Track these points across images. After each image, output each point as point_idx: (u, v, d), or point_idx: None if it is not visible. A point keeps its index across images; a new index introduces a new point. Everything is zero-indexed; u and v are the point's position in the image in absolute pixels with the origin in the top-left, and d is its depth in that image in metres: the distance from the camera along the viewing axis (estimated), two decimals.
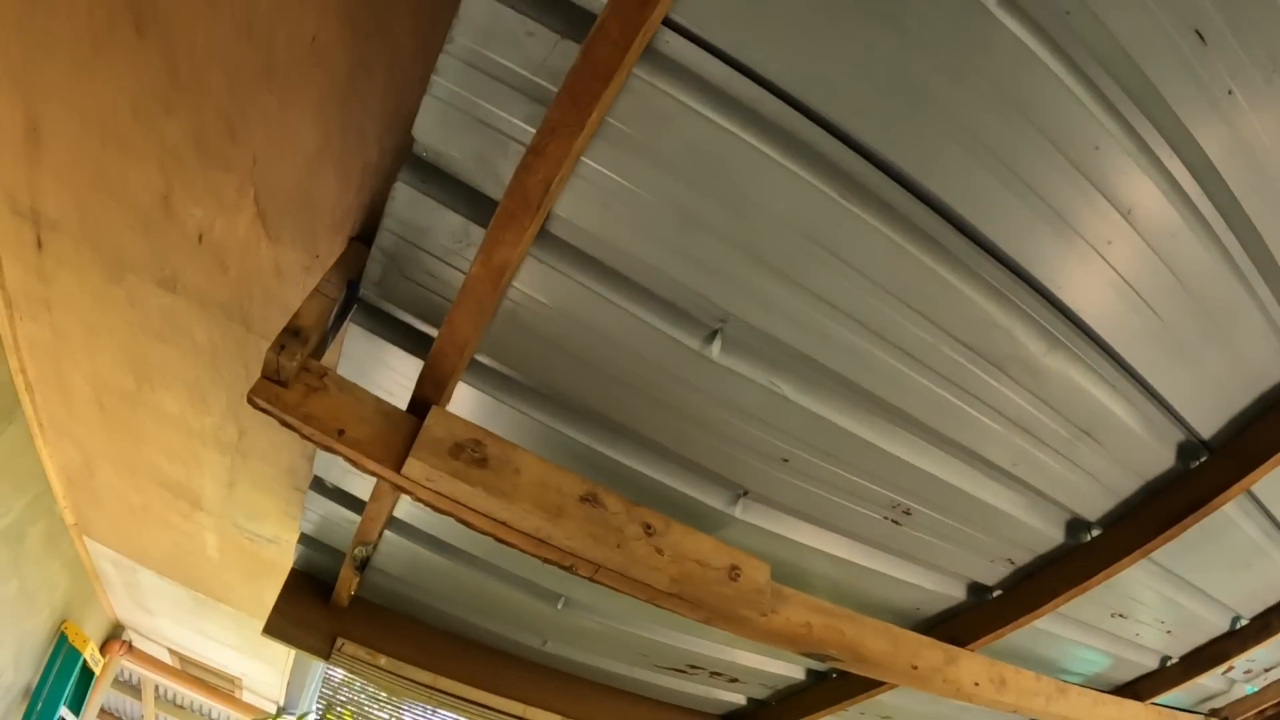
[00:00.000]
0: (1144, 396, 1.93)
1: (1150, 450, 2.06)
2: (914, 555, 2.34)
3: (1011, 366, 1.77)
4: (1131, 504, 2.22)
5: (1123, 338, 1.77)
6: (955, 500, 2.09)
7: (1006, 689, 2.47)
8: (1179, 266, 1.63)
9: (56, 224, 2.31)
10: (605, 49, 1.09)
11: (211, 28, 1.69)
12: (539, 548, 1.65)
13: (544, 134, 1.16)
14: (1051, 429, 1.93)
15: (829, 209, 1.43)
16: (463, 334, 1.48)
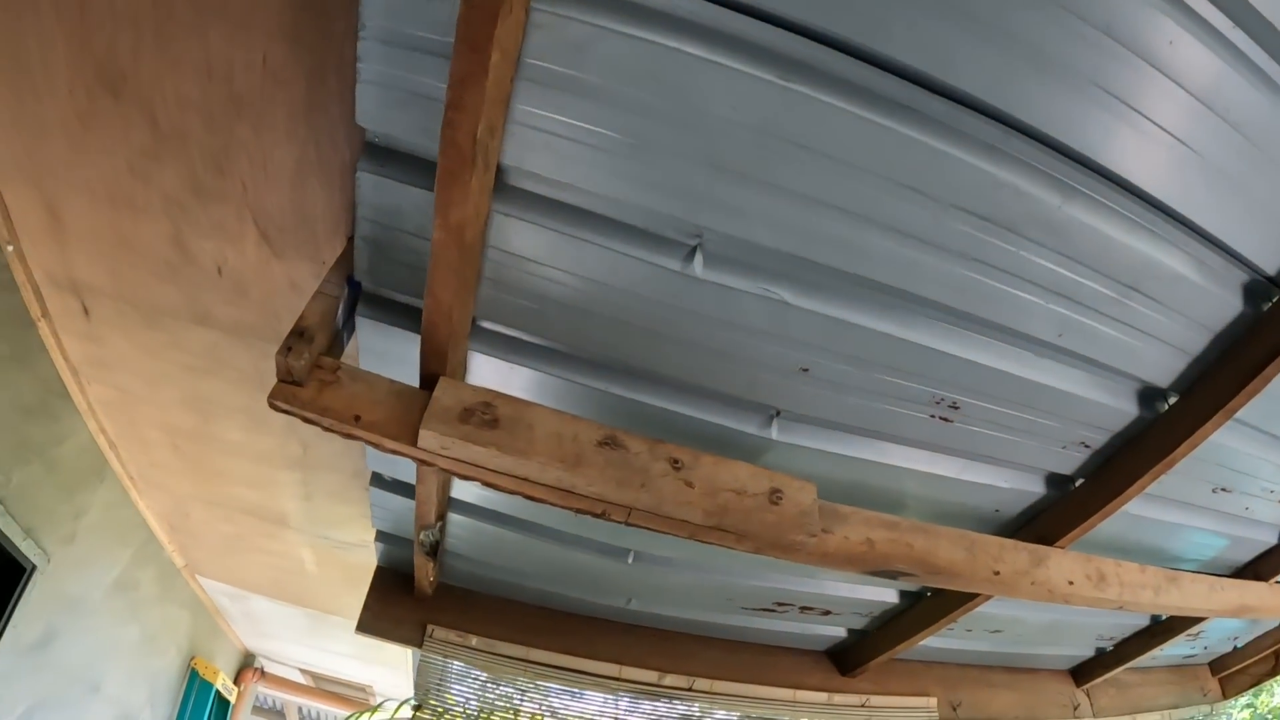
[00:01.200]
0: (1190, 237, 1.75)
1: (1212, 297, 1.87)
2: (976, 452, 2.23)
3: (1028, 226, 1.64)
4: (1205, 361, 2.03)
5: (1149, 174, 1.62)
6: (1004, 386, 1.97)
7: (1107, 584, 2.34)
8: (1197, 82, 1.47)
9: (94, 288, 2.54)
10: None
11: (175, 76, 1.82)
12: (566, 498, 1.67)
13: (454, 86, 1.16)
14: (1092, 289, 1.79)
15: (776, 97, 1.37)
16: (445, 301, 1.51)
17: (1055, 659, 3.73)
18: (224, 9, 1.68)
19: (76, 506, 3.57)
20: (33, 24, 1.85)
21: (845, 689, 3.23)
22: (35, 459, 3.17)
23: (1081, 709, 3.69)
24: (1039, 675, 3.71)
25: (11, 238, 2.47)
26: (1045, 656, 3.68)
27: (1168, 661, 4.04)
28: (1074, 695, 3.72)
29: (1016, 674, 3.65)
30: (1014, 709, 3.54)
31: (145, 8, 1.73)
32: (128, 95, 1.89)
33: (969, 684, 3.48)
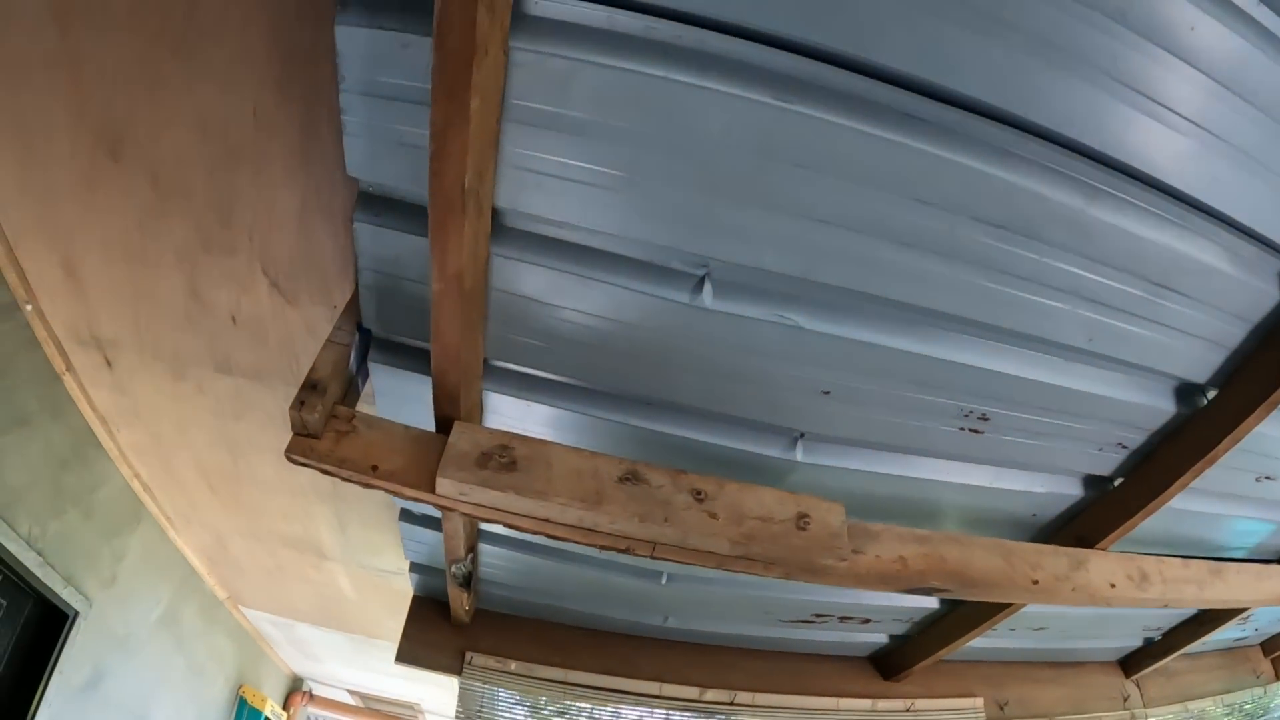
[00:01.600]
0: (1220, 228, 1.67)
1: (1247, 289, 1.78)
2: (1009, 460, 2.16)
3: (1050, 231, 1.56)
4: (1244, 354, 1.94)
5: (1175, 166, 1.53)
6: (1034, 393, 1.90)
7: (1149, 583, 2.28)
8: (1220, 66, 1.38)
9: (115, 342, 2.60)
10: (454, 36, 1.04)
11: (171, 135, 1.86)
12: (589, 537, 1.64)
13: (436, 136, 1.13)
14: (1121, 291, 1.71)
15: (770, 116, 1.31)
16: (453, 348, 1.48)
17: (1102, 651, 3.64)
18: (209, 66, 1.70)
19: (115, 549, 3.65)
20: (29, 97, 1.89)
21: (889, 694, 3.18)
22: (71, 508, 3.24)
23: (1131, 700, 3.62)
24: (1086, 668, 3.63)
25: (30, 296, 2.53)
26: (1092, 649, 3.59)
27: (1218, 646, 3.94)
28: (1123, 686, 3.65)
29: (1063, 669, 3.57)
30: (1062, 704, 3.46)
31: (134, 71, 1.76)
32: (127, 157, 1.94)
33: (1015, 681, 3.41)
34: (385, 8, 1.24)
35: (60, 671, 3.36)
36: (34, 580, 3.09)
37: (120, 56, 1.76)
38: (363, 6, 1.24)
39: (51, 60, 1.81)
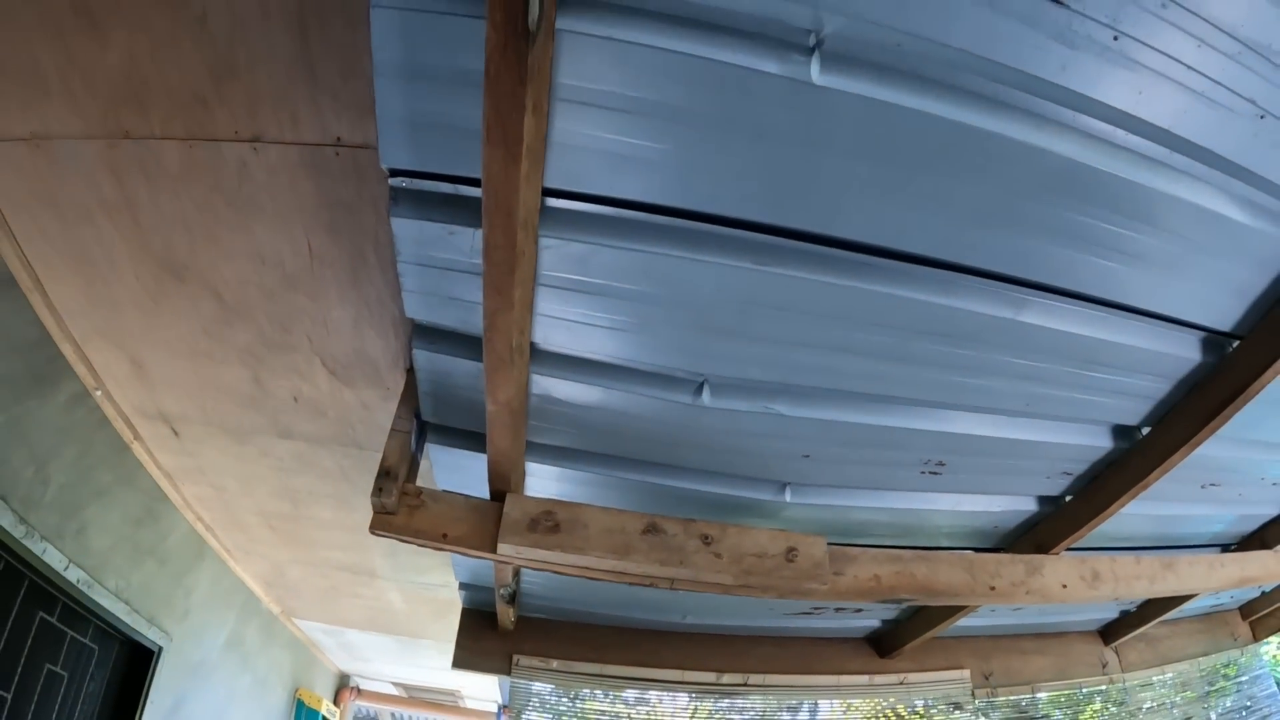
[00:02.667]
0: (1141, 320, 1.98)
1: (1170, 357, 2.11)
2: (967, 489, 2.55)
3: (987, 335, 1.90)
4: (1171, 402, 2.27)
5: (1097, 280, 1.85)
6: (981, 445, 2.28)
7: (1101, 582, 2.62)
8: (1110, 192, 1.65)
9: (182, 417, 3.03)
10: (499, 251, 1.38)
11: (231, 264, 2.22)
12: (620, 577, 2.07)
13: (487, 317, 1.50)
14: (1053, 369, 2.05)
15: (752, 277, 1.66)
16: (504, 449, 1.89)
17: (1082, 622, 4.07)
18: (263, 212, 2.05)
19: (186, 587, 4.19)
20: (91, 232, 2.22)
21: (884, 670, 3.66)
22: (148, 558, 3.75)
23: (1110, 666, 4.03)
24: (1068, 638, 4.06)
25: (99, 383, 2.92)
26: (1072, 621, 4.03)
27: (1196, 612, 4.31)
28: (1102, 654, 4.06)
29: (1046, 639, 4.01)
30: (1045, 672, 3.91)
31: (192, 213, 2.10)
32: (191, 279, 2.29)
33: (1001, 653, 3.88)
34: (431, 203, 1.58)
35: (151, 702, 3.89)
36: (123, 626, 3.61)
37: (177, 204, 2.08)
38: (412, 203, 1.58)
39: (110, 205, 2.13)
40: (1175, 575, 2.81)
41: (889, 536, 2.71)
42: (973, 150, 1.51)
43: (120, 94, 1.86)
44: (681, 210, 1.59)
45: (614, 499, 2.40)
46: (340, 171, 1.93)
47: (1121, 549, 3.02)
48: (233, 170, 1.98)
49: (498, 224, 1.37)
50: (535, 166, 1.40)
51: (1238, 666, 4.43)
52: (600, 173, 1.52)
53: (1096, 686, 4.06)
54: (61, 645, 3.31)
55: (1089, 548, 2.95)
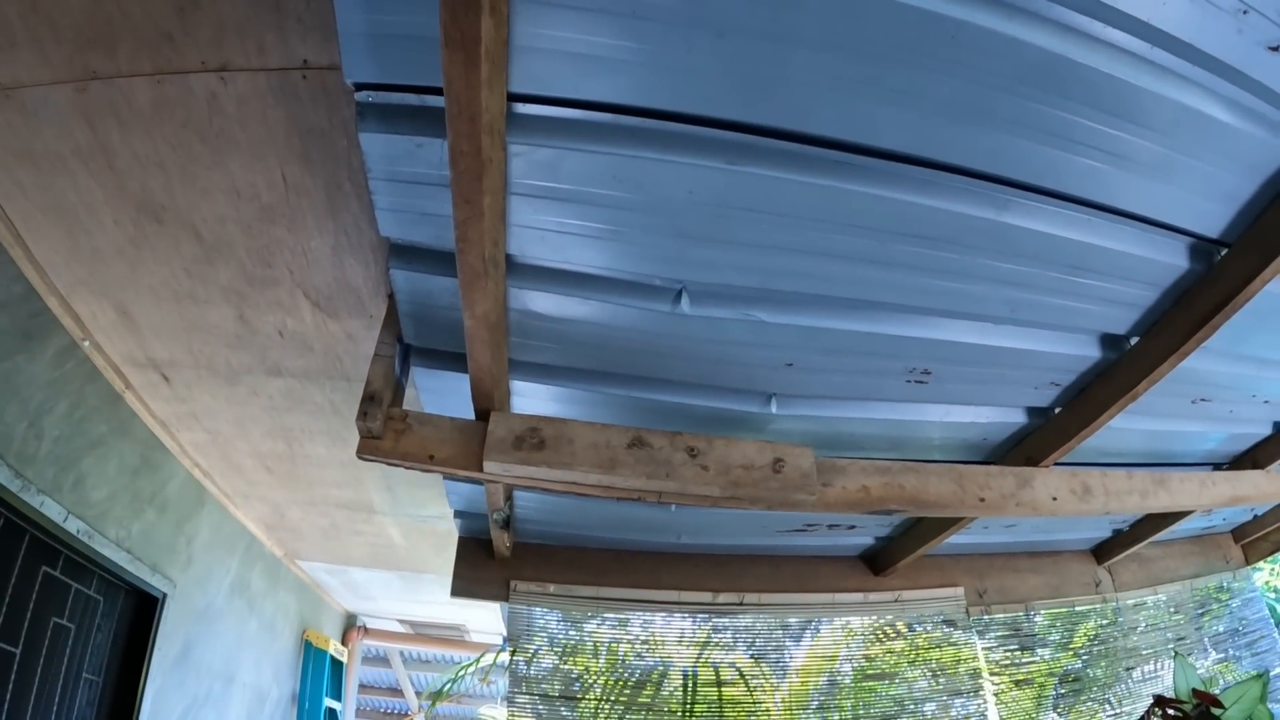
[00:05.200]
0: (1128, 223, 2.01)
1: (1157, 263, 2.14)
2: (955, 399, 2.60)
3: (968, 238, 1.93)
4: (1160, 311, 2.31)
5: (1081, 180, 1.85)
6: (967, 353, 2.32)
7: (1092, 495, 2.68)
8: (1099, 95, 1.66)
9: (171, 362, 3.13)
10: (465, 159, 1.41)
11: (209, 202, 2.27)
12: (607, 492, 2.13)
13: (458, 227, 1.53)
14: (1038, 274, 2.08)
15: (725, 178, 1.69)
16: (485, 365, 1.94)
17: (1076, 541, 4.19)
18: (236, 145, 2.09)
19: (187, 534, 4.33)
20: (68, 181, 2.28)
21: (879, 588, 3.79)
22: (147, 507, 3.87)
23: (1103, 585, 4.16)
24: (1061, 557, 4.19)
25: (86, 334, 3.01)
26: (1065, 540, 4.14)
27: (1188, 534, 4.43)
28: (1095, 573, 4.18)
29: (1040, 558, 4.14)
30: (1039, 590, 4.04)
31: (166, 152, 2.15)
32: (169, 220, 2.36)
33: (995, 571, 4.00)
34: (398, 116, 1.60)
35: (159, 648, 4.06)
36: (127, 575, 3.74)
37: (150, 144, 2.13)
38: (379, 117, 1.60)
39: (84, 152, 2.19)
40: (1167, 491, 2.88)
41: (879, 450, 2.78)
42: (943, 41, 1.52)
43: (86, 37, 1.89)
44: (650, 110, 1.61)
45: (601, 416, 2.45)
46: (309, 96, 1.97)
47: (1114, 465, 3.09)
48: (203, 104, 2.01)
49: (462, 130, 1.40)
50: (497, 70, 1.42)
51: (1230, 590, 4.54)
52: (566, 75, 1.54)
53: (1090, 605, 4.19)
54: (66, 598, 3.44)
55: (1081, 463, 3.01)
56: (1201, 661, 4.22)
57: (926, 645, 3.89)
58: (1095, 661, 4.17)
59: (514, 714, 3.37)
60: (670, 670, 3.61)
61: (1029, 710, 3.94)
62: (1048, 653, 4.13)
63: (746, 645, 3.74)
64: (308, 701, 6.29)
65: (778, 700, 3.68)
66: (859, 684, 3.78)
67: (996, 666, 3.94)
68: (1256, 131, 1.83)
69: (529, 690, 3.42)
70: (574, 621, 3.56)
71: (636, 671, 3.59)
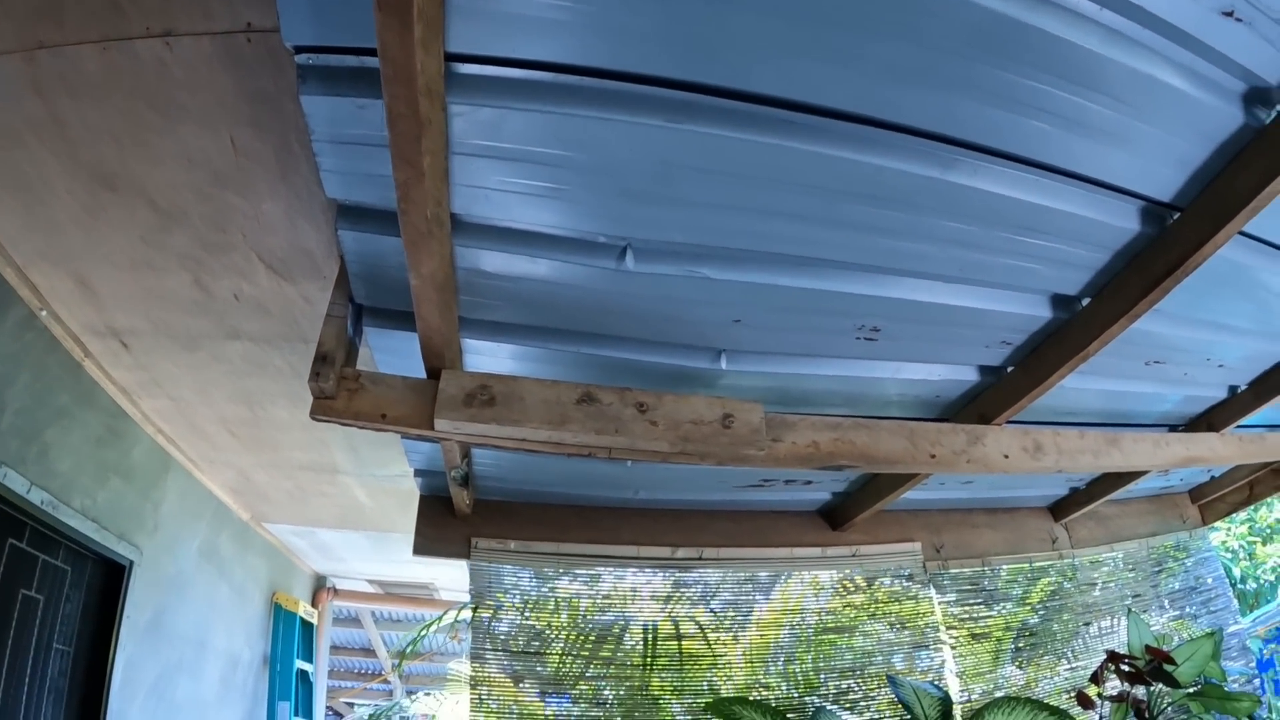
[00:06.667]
0: (1077, 185, 2.05)
1: (1108, 226, 2.19)
2: (906, 357, 2.68)
3: (916, 196, 1.98)
4: (1111, 273, 2.38)
5: (1028, 141, 1.90)
6: (916, 310, 2.39)
7: (1044, 453, 2.76)
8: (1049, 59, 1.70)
9: (131, 330, 3.16)
10: (403, 121, 1.44)
11: (160, 169, 2.30)
12: (558, 448, 2.20)
13: (399, 188, 1.57)
14: (986, 235, 2.14)
15: (667, 136, 1.73)
16: (433, 323, 2.00)
17: (1033, 499, 4.35)
18: (186, 111, 2.12)
19: (154, 501, 4.37)
20: (23, 154, 2.31)
21: (837, 542, 3.94)
22: (112, 476, 3.91)
23: (1060, 541, 4.34)
24: (1019, 514, 4.36)
25: (44, 304, 3.02)
26: (1023, 497, 4.30)
27: (1146, 493, 4.60)
28: (1052, 529, 4.36)
29: (997, 514, 4.30)
30: (996, 546, 4.22)
31: (117, 121, 2.18)
32: (123, 188, 2.39)
33: (952, 527, 4.16)
34: (339, 78, 1.63)
35: (128, 616, 4.11)
36: (93, 544, 3.77)
37: (101, 114, 2.16)
38: (320, 79, 1.63)
39: (37, 123, 2.21)
40: (1120, 451, 2.98)
41: (834, 406, 2.87)
42: (887, 3, 1.55)
43: (33, 7, 1.91)
44: (591, 69, 1.65)
45: (555, 373, 2.52)
46: (256, 60, 1.99)
47: (1071, 424, 3.19)
48: (151, 71, 2.04)
49: (398, 93, 1.43)
50: (432, 31, 1.45)
51: (1186, 549, 4.71)
52: (505, 35, 1.57)
53: (1048, 561, 4.36)
54: (34, 570, 3.47)
55: (1038, 422, 3.13)
56: (1157, 619, 4.40)
57: (886, 599, 4.04)
58: (1052, 616, 4.33)
59: (478, 669, 3.49)
60: (631, 625, 3.74)
61: (987, 663, 4.10)
62: (1007, 607, 4.29)
63: (706, 599, 3.87)
64: (279, 664, 6.41)
65: (738, 653, 3.83)
66: (819, 637, 3.93)
67: (954, 620, 4.10)
68: (1208, 98, 1.88)
69: (493, 646, 3.54)
70: (536, 577, 3.68)
71: (598, 626, 3.71)
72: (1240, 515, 9.67)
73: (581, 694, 3.63)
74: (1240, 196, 2.04)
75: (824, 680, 3.86)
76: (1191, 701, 3.42)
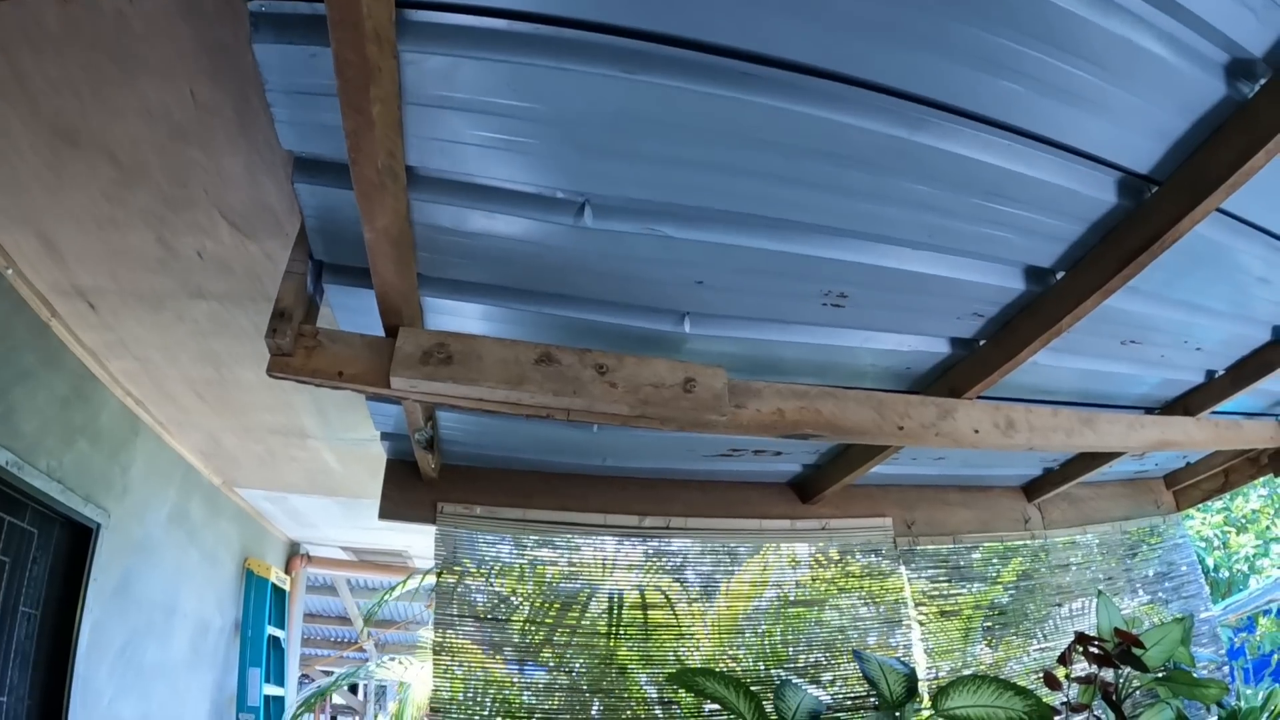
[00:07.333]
0: (1049, 151, 2.03)
1: (1083, 196, 2.17)
2: (874, 326, 2.67)
3: (881, 157, 1.95)
4: (1086, 246, 2.36)
5: (999, 104, 1.87)
6: (884, 277, 2.37)
7: (1015, 430, 2.76)
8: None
9: (97, 290, 3.15)
10: (350, 68, 1.42)
11: (121, 123, 2.30)
12: (515, 409, 2.20)
13: (349, 136, 1.55)
14: (955, 200, 2.12)
15: (624, 88, 1.71)
16: (389, 279, 1.98)
17: (1007, 478, 4.38)
18: (146, 64, 2.11)
19: (122, 464, 4.36)
20: None
21: (807, 515, 3.97)
22: (79, 438, 3.90)
23: (1032, 522, 4.38)
24: (992, 493, 4.39)
25: (9, 263, 3.01)
26: (997, 476, 4.33)
27: (1121, 476, 4.63)
28: (1025, 510, 4.40)
29: (971, 492, 4.34)
30: (968, 524, 4.25)
31: (78, 75, 2.17)
32: (85, 143, 2.38)
33: (925, 503, 4.19)
34: (292, 26, 1.61)
35: (95, 580, 4.11)
36: (59, 506, 3.77)
37: (62, 68, 2.15)
38: (272, 27, 1.61)
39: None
40: (1093, 431, 2.99)
41: (803, 375, 2.86)
42: None
43: None
44: (546, 17, 1.63)
45: (517, 333, 2.50)
46: (215, 11, 1.98)
47: (1046, 403, 3.18)
48: (110, 24, 2.03)
49: (345, 38, 1.41)
50: None
51: (1160, 535, 4.76)
52: None
53: (1020, 541, 4.41)
54: (0, 532, 3.48)
55: (1012, 398, 3.12)
56: (1129, 602, 4.46)
57: (856, 574, 4.08)
58: (1023, 597, 4.37)
59: (443, 635, 3.51)
60: (597, 593, 3.76)
61: (957, 641, 4.15)
62: (978, 586, 4.33)
63: (674, 569, 3.90)
64: (250, 630, 6.44)
65: (706, 625, 3.86)
66: (787, 610, 3.96)
67: (923, 597, 4.14)
68: (1190, 68, 1.86)
69: (459, 612, 3.56)
70: (502, 543, 3.70)
71: (564, 594, 3.73)
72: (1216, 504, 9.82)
73: (547, 661, 3.65)
74: (1219, 172, 2.03)
75: (792, 654, 3.89)
76: (1159, 686, 3.44)
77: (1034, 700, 2.97)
